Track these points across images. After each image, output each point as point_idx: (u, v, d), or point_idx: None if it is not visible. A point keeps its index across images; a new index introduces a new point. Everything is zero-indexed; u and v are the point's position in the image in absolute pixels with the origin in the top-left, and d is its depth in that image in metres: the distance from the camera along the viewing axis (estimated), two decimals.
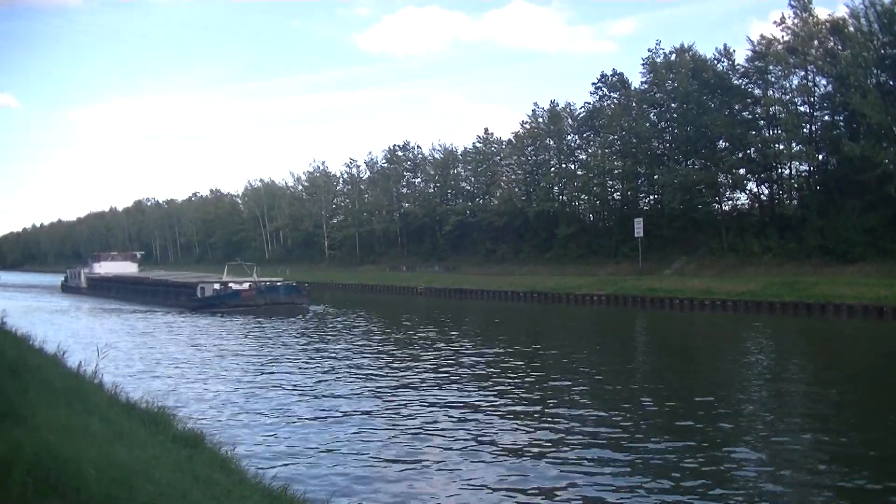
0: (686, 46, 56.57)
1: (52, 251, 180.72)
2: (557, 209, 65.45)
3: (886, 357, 24.40)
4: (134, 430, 7.56)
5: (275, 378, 20.47)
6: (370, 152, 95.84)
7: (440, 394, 17.66)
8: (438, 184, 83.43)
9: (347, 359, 23.98)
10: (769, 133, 51.43)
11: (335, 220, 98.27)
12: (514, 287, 55.02)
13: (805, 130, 49.28)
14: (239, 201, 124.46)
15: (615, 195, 64.66)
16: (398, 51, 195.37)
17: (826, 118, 49.99)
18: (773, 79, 49.95)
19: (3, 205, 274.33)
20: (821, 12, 48.85)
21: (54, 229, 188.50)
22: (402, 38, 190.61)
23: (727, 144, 52.52)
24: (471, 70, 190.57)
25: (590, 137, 65.23)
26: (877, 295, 34.83)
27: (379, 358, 24.36)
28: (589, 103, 64.34)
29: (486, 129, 79.24)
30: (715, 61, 53.84)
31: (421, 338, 30.15)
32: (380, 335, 31.82)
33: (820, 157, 50.42)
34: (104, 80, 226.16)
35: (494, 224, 70.69)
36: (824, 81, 48.83)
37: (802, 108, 50.01)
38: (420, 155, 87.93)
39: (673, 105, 56.83)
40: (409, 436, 13.67)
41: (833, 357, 24.74)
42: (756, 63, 50.08)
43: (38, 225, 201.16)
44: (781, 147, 49.83)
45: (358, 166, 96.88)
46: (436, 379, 19.72)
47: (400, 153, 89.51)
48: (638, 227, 53.09)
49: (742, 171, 52.86)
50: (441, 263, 75.84)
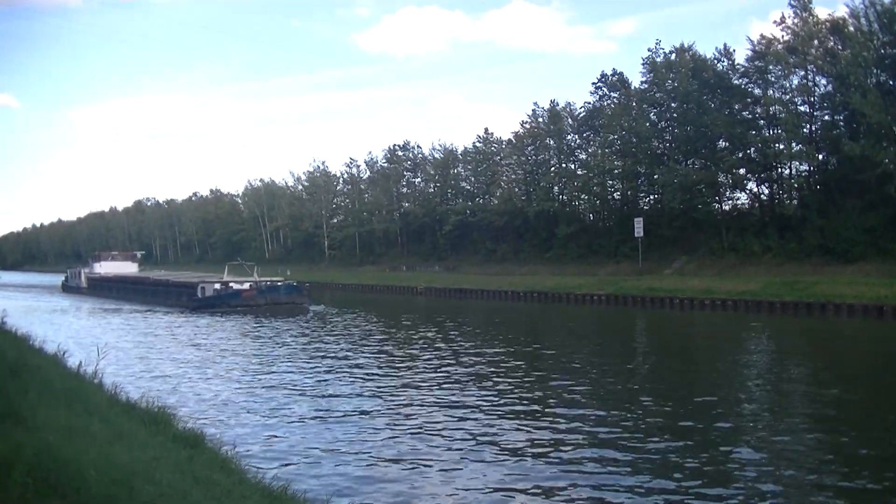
0: (686, 46, 56.68)
1: (53, 251, 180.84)
2: (557, 209, 65.48)
3: (886, 357, 24.41)
4: (134, 431, 7.57)
5: (275, 378, 20.48)
6: (370, 152, 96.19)
7: (440, 393, 17.66)
8: (438, 183, 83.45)
9: (348, 358, 23.98)
10: (769, 133, 51.46)
11: (335, 220, 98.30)
12: (514, 287, 55.04)
13: (805, 130, 49.32)
14: (239, 201, 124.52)
15: (615, 195, 64.74)
16: (398, 51, 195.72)
17: (826, 118, 50.03)
18: (773, 78, 50.01)
19: (4, 205, 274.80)
20: (821, 12, 49.02)
21: (54, 229, 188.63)
22: (402, 38, 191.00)
23: (727, 144, 52.53)
24: (471, 70, 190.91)
25: (590, 137, 65.28)
26: (877, 294, 34.89)
27: (379, 358, 24.37)
28: (589, 103, 64.59)
29: (486, 129, 79.34)
30: (715, 61, 53.92)
31: (421, 338, 30.16)
32: (380, 335, 31.83)
33: (820, 157, 50.46)
34: (104, 80, 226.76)
35: (494, 224, 70.72)
36: (824, 81, 48.92)
37: (802, 108, 50.08)
38: (420, 155, 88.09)
39: (673, 105, 56.86)
40: (410, 436, 13.67)
41: (833, 357, 24.73)
42: (756, 63, 50.11)
43: (39, 225, 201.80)
44: (781, 147, 49.87)
45: (358, 166, 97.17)
46: (436, 379, 19.73)
47: (400, 153, 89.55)
48: (638, 227, 53.11)
49: (742, 171, 52.91)
50: (441, 263, 75.86)
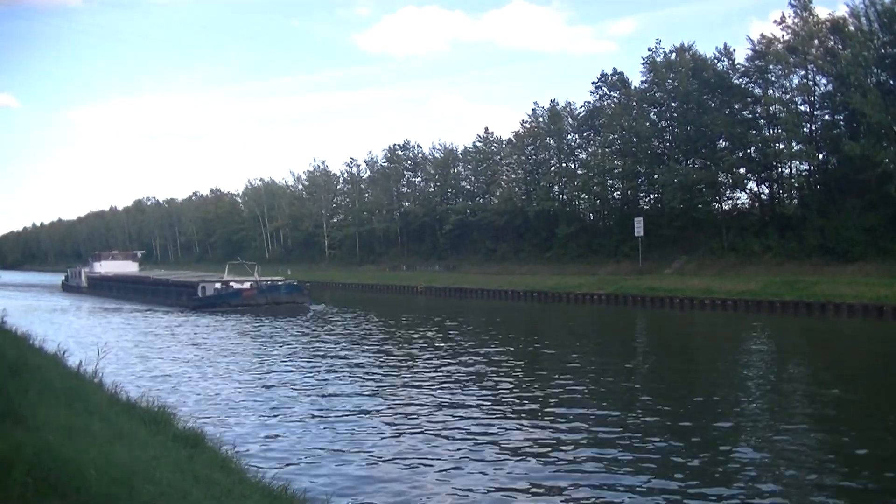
0: (686, 46, 56.67)
1: (53, 250, 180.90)
2: (557, 208, 65.48)
3: (886, 357, 24.40)
4: (134, 430, 7.57)
5: (275, 377, 20.48)
6: (370, 152, 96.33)
7: (441, 393, 17.66)
8: (438, 183, 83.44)
9: (348, 358, 23.98)
10: (769, 132, 51.45)
11: (335, 220, 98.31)
12: (515, 286, 55.05)
13: (805, 130, 49.31)
14: (239, 201, 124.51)
15: (615, 194, 64.75)
16: (398, 51, 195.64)
17: (826, 117, 50.01)
18: (774, 78, 50.00)
19: (4, 204, 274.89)
20: (821, 11, 49.08)
21: (54, 229, 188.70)
22: (402, 38, 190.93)
23: (727, 144, 52.52)
24: (471, 70, 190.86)
25: (590, 137, 65.28)
26: (877, 294, 34.89)
27: (379, 357, 24.38)
28: (589, 103, 64.57)
29: (487, 129, 79.37)
30: (715, 61, 53.90)
31: (421, 337, 30.16)
32: (380, 334, 31.82)
33: (820, 157, 50.46)
34: (104, 80, 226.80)
35: (494, 223, 70.72)
36: (824, 81, 48.90)
37: (803, 108, 50.07)
38: (420, 154, 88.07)
39: (673, 104, 56.84)
40: (410, 435, 13.67)
41: (833, 357, 24.72)
42: (756, 62, 50.10)
43: (39, 224, 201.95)
44: (782, 146, 49.88)
45: (358, 165, 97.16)
46: (436, 378, 19.72)
47: (400, 152, 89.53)
48: (638, 227, 53.10)
49: (742, 171, 52.92)
50: (441, 263, 75.87)
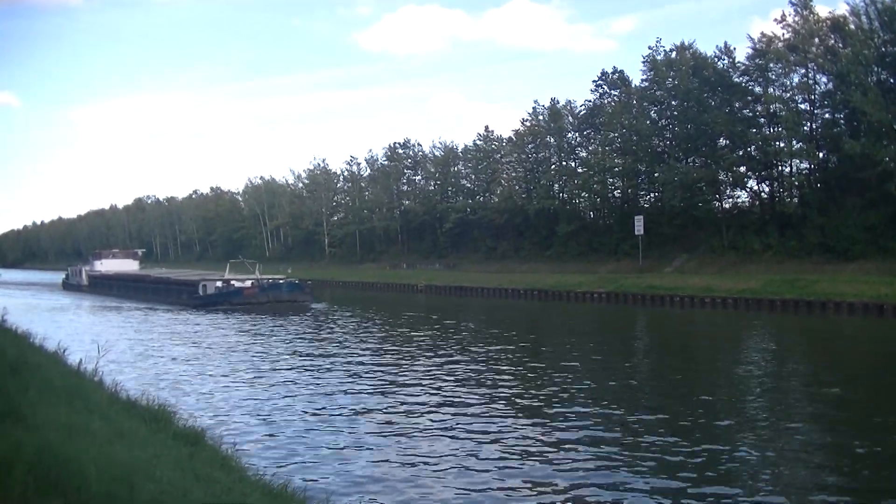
0: (686, 44, 56.55)
1: (53, 249, 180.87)
2: (558, 207, 65.43)
3: (887, 356, 24.39)
4: (135, 429, 7.57)
5: (276, 375, 20.50)
6: (371, 150, 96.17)
7: (441, 392, 17.68)
8: (439, 181, 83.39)
9: (349, 357, 24.00)
10: (770, 131, 51.37)
11: (335, 218, 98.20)
12: (515, 285, 55.05)
13: (805, 128, 49.25)
14: (239, 199, 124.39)
15: (615, 193, 64.70)
16: (399, 49, 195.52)
17: (826, 116, 49.92)
18: (774, 76, 49.91)
19: (4, 203, 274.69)
20: (821, 10, 48.84)
21: (55, 227, 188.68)
22: (403, 37, 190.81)
23: (727, 142, 52.44)
24: (471, 68, 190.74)
25: (590, 135, 65.22)
26: (877, 293, 34.89)
27: (380, 356, 24.39)
28: (589, 101, 64.43)
29: (487, 127, 79.18)
30: (715, 59, 53.76)
31: (422, 335, 30.18)
32: (381, 333, 31.84)
33: (820, 155, 50.37)
34: (105, 79, 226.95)
35: (495, 222, 70.69)
36: (825, 79, 48.80)
37: (803, 106, 49.96)
38: (420, 153, 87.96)
39: (673, 103, 56.77)
40: (411, 434, 13.69)
41: (833, 355, 24.73)
42: (757, 61, 49.99)
43: (39, 223, 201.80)
44: (782, 145, 49.83)
45: (358, 164, 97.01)
46: (437, 377, 19.74)
47: (400, 151, 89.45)
48: (638, 225, 53.07)
49: (742, 169, 52.83)
50: (441, 261, 75.84)
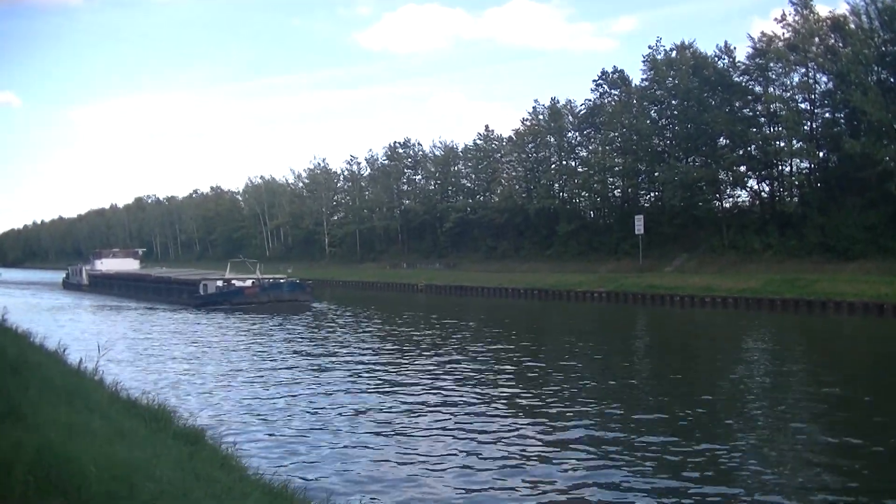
0: (687, 43, 56.58)
1: (53, 248, 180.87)
2: (558, 206, 65.43)
3: (887, 356, 24.39)
4: (135, 428, 7.59)
5: (276, 375, 20.50)
6: (371, 149, 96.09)
7: (442, 392, 17.68)
8: (439, 181, 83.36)
9: (349, 356, 24.00)
10: (770, 130, 51.39)
11: (336, 218, 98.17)
12: (515, 284, 55.06)
13: (806, 128, 49.24)
14: (240, 198, 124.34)
15: (616, 192, 64.72)
16: (399, 49, 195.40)
17: (827, 115, 49.91)
18: (774, 76, 49.90)
19: (5, 202, 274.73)
20: (821, 9, 48.80)
21: (55, 226, 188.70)
22: (403, 36, 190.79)
23: (728, 141, 52.44)
24: (471, 68, 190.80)
25: (590, 134, 65.23)
26: (877, 292, 34.89)
27: (380, 355, 24.38)
28: (590, 100, 64.43)
29: (487, 127, 79.27)
30: (716, 58, 53.78)
31: (422, 335, 30.19)
32: (381, 333, 31.84)
33: (821, 155, 50.35)
34: (105, 79, 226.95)
35: (495, 221, 70.69)
36: (825, 78, 48.79)
37: (803, 106, 49.95)
38: (421, 152, 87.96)
39: (673, 102, 56.76)
40: (411, 434, 13.69)
41: (833, 355, 24.72)
42: (757, 60, 49.99)
43: (39, 222, 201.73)
44: (782, 144, 49.83)
45: (358, 163, 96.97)
46: (437, 377, 19.74)
47: (400, 150, 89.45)
48: (638, 225, 53.06)
49: (743, 169, 52.83)
50: (442, 260, 75.83)
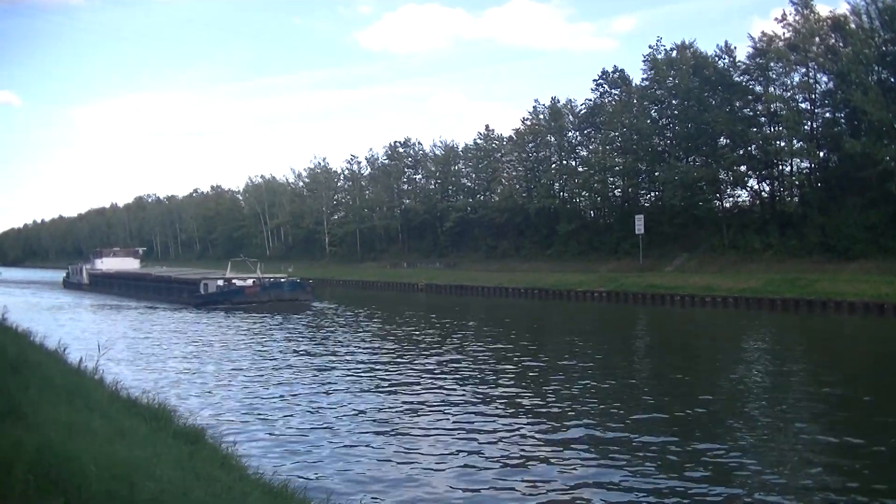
0: (687, 43, 56.49)
1: (53, 247, 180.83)
2: (558, 206, 65.39)
3: (887, 355, 24.39)
4: (135, 427, 7.59)
5: (277, 374, 20.51)
6: (371, 149, 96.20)
7: (442, 391, 17.69)
8: (439, 180, 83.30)
9: (350, 356, 24.01)
10: (770, 130, 51.34)
11: (336, 217, 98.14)
12: (515, 284, 55.05)
13: (806, 127, 49.20)
14: (240, 197, 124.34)
15: (616, 192, 64.67)
16: (399, 48, 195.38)
17: (827, 115, 49.85)
18: (775, 76, 49.84)
19: (5, 202, 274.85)
20: (822, 9, 48.75)
21: (55, 226, 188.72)
22: (404, 36, 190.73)
23: (728, 141, 52.39)
24: (472, 67, 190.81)
25: (591, 134, 65.18)
26: (878, 292, 34.90)
27: (382, 355, 24.38)
28: (590, 100, 64.37)
29: (487, 126, 79.16)
30: (716, 58, 53.68)
31: (423, 335, 30.18)
32: (382, 332, 31.84)
33: (821, 154, 50.31)
34: (106, 78, 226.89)
35: (495, 221, 70.65)
36: (825, 78, 48.74)
37: (803, 105, 49.90)
38: (421, 151, 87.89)
39: (674, 102, 56.71)
40: (411, 434, 13.69)
41: (833, 355, 24.73)
42: (757, 60, 49.95)
43: (40, 221, 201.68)
44: (782, 144, 49.79)
45: (359, 163, 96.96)
46: (437, 376, 19.75)
47: (401, 149, 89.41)
48: (639, 224, 53.05)
49: (743, 168, 52.78)
50: (442, 260, 75.81)
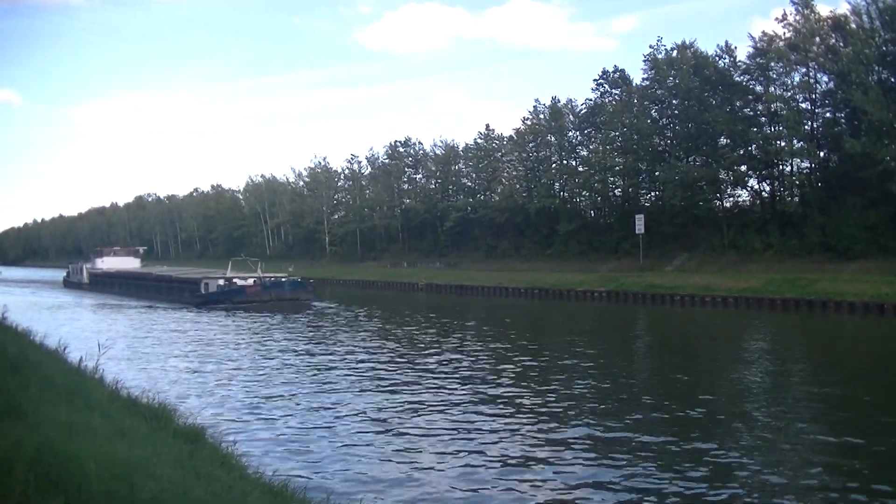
0: (687, 43, 56.51)
1: (53, 247, 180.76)
2: (558, 205, 65.36)
3: (887, 355, 24.39)
4: (135, 427, 7.59)
5: (277, 374, 20.52)
6: (371, 148, 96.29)
7: (443, 392, 17.69)
8: (439, 180, 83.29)
9: (351, 355, 24.02)
10: (770, 130, 51.32)
11: (336, 216, 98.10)
12: (515, 283, 55.04)
13: (806, 127, 49.20)
14: (240, 197, 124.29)
15: (616, 191, 64.70)
16: (400, 48, 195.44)
17: (827, 115, 49.84)
18: (775, 75, 49.83)
19: (5, 201, 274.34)
20: (822, 9, 48.75)
21: (55, 225, 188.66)
22: (404, 36, 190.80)
23: (728, 141, 52.39)
24: (472, 67, 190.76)
25: (591, 134, 65.19)
26: (878, 292, 34.89)
27: (382, 355, 24.39)
28: (590, 100, 64.39)
29: (488, 126, 79.25)
30: (716, 58, 53.66)
31: (423, 335, 30.19)
32: (383, 332, 31.85)
33: (821, 154, 50.31)
34: (106, 77, 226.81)
35: (495, 220, 70.65)
36: (826, 78, 48.74)
37: (804, 105, 49.89)
38: (421, 151, 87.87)
39: (674, 101, 56.68)
40: (411, 433, 13.70)
41: (834, 355, 24.75)
42: (757, 60, 49.93)
43: (40, 220, 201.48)
44: (783, 144, 49.78)
45: (359, 162, 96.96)
46: (438, 376, 19.75)
47: (401, 149, 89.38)
48: (639, 224, 53.05)
49: (743, 168, 52.77)
50: (442, 259, 75.80)
